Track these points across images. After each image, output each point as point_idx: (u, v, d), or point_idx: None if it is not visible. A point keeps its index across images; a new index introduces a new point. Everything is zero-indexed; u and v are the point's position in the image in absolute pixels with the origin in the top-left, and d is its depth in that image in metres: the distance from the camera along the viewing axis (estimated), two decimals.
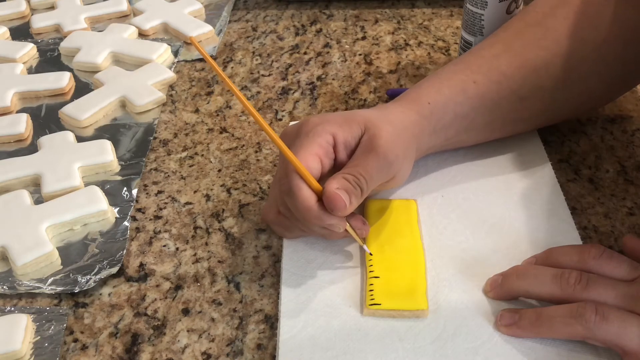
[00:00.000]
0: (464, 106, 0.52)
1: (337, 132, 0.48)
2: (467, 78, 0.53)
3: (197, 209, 0.56)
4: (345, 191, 0.45)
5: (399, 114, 0.50)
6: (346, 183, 0.45)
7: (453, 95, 0.52)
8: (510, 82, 0.53)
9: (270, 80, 0.71)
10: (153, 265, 0.52)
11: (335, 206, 0.44)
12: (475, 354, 0.43)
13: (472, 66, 0.54)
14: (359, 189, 0.46)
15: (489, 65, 0.53)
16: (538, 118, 0.57)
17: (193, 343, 0.46)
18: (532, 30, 0.54)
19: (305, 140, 0.47)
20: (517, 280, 0.45)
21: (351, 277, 0.48)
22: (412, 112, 0.51)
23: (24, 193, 0.57)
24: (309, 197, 0.45)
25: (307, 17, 0.81)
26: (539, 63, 0.53)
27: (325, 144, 0.47)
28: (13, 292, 0.50)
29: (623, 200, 0.54)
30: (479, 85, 0.52)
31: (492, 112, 0.53)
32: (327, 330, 0.45)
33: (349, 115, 0.49)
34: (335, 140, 0.48)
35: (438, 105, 0.51)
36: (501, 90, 0.53)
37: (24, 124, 0.65)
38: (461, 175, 0.56)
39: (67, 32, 0.79)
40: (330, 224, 0.45)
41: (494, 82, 0.53)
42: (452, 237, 0.51)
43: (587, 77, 0.54)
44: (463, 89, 0.52)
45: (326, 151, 0.47)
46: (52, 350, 0.46)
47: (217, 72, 0.46)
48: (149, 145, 0.63)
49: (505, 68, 0.53)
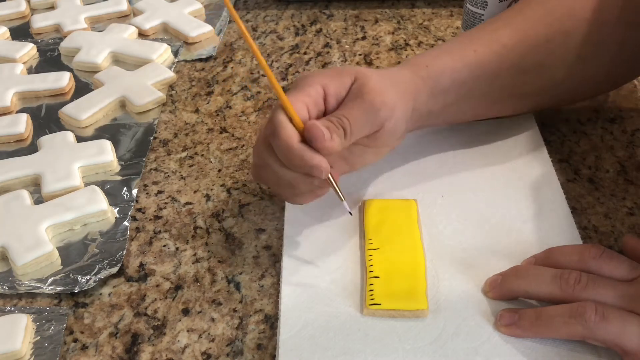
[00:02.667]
0: (462, 73, 0.52)
1: (328, 83, 0.48)
2: (468, 47, 0.53)
3: (197, 209, 0.56)
4: (326, 128, 0.45)
5: (394, 71, 0.51)
6: (328, 122, 0.46)
7: (451, 61, 0.52)
8: (510, 54, 0.53)
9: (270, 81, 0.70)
10: (153, 265, 0.52)
11: (314, 135, 0.45)
12: (475, 354, 0.43)
13: (473, 38, 0.54)
14: (341, 129, 0.46)
15: (489, 37, 0.54)
16: (538, 96, 0.57)
17: (193, 343, 0.46)
18: (535, 9, 0.55)
19: (294, 90, 0.48)
20: (516, 280, 0.45)
21: (351, 277, 0.48)
22: (408, 71, 0.51)
23: (24, 193, 0.57)
24: (291, 134, 0.45)
25: (307, 17, 0.81)
26: (540, 39, 0.53)
27: (315, 94, 0.48)
28: (13, 292, 0.50)
29: (623, 200, 0.54)
30: (479, 54, 0.53)
31: (491, 82, 0.53)
32: (327, 330, 0.45)
33: (341, 68, 0.50)
34: (325, 91, 0.48)
35: (435, 68, 0.52)
36: (501, 62, 0.53)
37: (24, 124, 0.65)
38: (461, 175, 0.56)
39: (67, 32, 0.79)
40: (312, 165, 0.45)
41: (494, 53, 0.53)
42: (452, 237, 0.51)
43: (588, 59, 0.54)
44: (462, 56, 0.53)
45: (314, 100, 0.48)
46: (52, 350, 0.46)
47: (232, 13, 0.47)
48: (149, 145, 0.63)
49: (506, 40, 0.53)
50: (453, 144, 0.58)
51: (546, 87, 0.56)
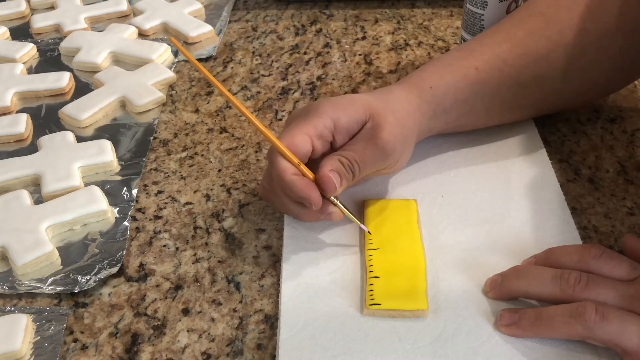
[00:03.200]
0: (464, 92, 0.53)
1: (340, 116, 0.49)
2: (469, 64, 0.53)
3: (197, 209, 0.56)
4: (337, 173, 0.47)
5: (403, 101, 0.51)
6: (340, 166, 0.47)
7: (454, 81, 0.53)
8: (511, 69, 0.53)
9: (270, 80, 0.71)
10: (153, 265, 0.52)
11: (327, 187, 0.47)
12: (475, 354, 0.43)
13: (474, 53, 0.54)
14: (351, 174, 0.47)
15: (490, 52, 0.54)
16: (537, 106, 0.58)
17: (193, 343, 0.46)
18: (535, 20, 0.55)
19: (302, 120, 0.49)
20: (516, 281, 0.45)
21: (351, 277, 0.48)
22: (414, 96, 0.52)
23: (24, 193, 0.57)
24: (284, 168, 0.47)
25: (307, 17, 0.81)
26: (541, 52, 0.54)
27: (322, 127, 0.48)
28: (13, 292, 0.50)
29: (623, 200, 0.54)
30: (480, 72, 0.53)
31: (492, 98, 0.54)
32: (327, 330, 0.45)
33: (355, 100, 0.50)
34: (335, 124, 0.49)
35: (440, 90, 0.52)
36: (502, 78, 0.53)
37: (24, 124, 0.65)
38: (461, 175, 0.56)
39: (67, 32, 0.79)
40: (302, 197, 0.47)
41: (495, 69, 0.53)
42: (452, 237, 0.51)
43: (588, 68, 0.55)
44: (465, 75, 0.53)
45: (320, 133, 0.49)
46: (52, 350, 0.46)
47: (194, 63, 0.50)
48: (149, 145, 0.63)
49: (507, 56, 0.53)
50: (453, 144, 0.58)
51: (546, 97, 0.56)
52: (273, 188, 0.50)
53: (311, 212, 0.48)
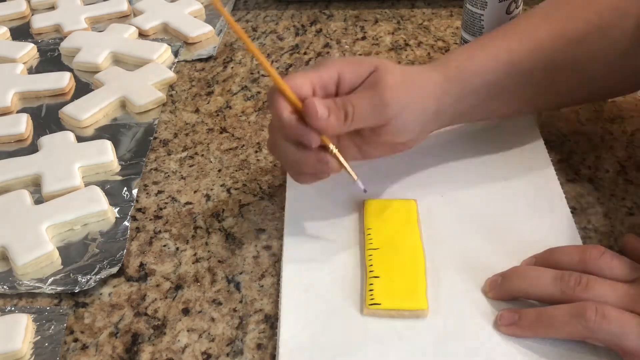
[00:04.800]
0: (495, 73, 0.51)
1: (345, 70, 0.48)
2: (502, 45, 0.52)
3: (197, 209, 0.56)
4: (326, 107, 0.45)
5: (419, 71, 0.50)
6: (331, 102, 0.46)
7: (485, 61, 0.51)
8: (546, 51, 0.51)
9: (271, 80, 0.71)
10: (153, 265, 0.52)
11: (308, 112, 0.45)
12: (475, 354, 0.43)
13: (508, 34, 0.53)
14: (343, 112, 0.46)
15: (525, 33, 0.52)
16: (573, 93, 0.55)
17: (193, 343, 0.46)
18: (573, 2, 0.53)
19: (309, 69, 0.48)
20: (516, 281, 0.45)
21: (351, 277, 0.48)
22: (436, 72, 0.50)
23: (24, 193, 0.57)
24: (283, 106, 0.46)
25: (307, 17, 0.81)
26: (578, 35, 0.51)
27: (327, 77, 0.47)
28: (13, 292, 0.50)
29: (623, 200, 0.54)
30: (513, 53, 0.51)
31: (524, 80, 0.52)
32: (327, 330, 0.45)
33: (364, 58, 0.50)
34: (340, 77, 0.48)
35: (468, 69, 0.51)
36: (535, 59, 0.51)
37: (24, 124, 0.65)
38: (461, 175, 0.56)
39: (67, 32, 0.79)
40: (301, 134, 0.46)
41: (529, 50, 0.51)
42: (452, 237, 0.51)
43: (628, 54, 0.52)
44: (496, 55, 0.51)
45: (323, 83, 0.47)
46: (52, 350, 0.46)
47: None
48: (149, 145, 0.63)
49: (542, 37, 0.52)
50: (453, 143, 0.58)
51: (582, 84, 0.54)
52: (274, 137, 0.48)
53: (310, 161, 0.47)
